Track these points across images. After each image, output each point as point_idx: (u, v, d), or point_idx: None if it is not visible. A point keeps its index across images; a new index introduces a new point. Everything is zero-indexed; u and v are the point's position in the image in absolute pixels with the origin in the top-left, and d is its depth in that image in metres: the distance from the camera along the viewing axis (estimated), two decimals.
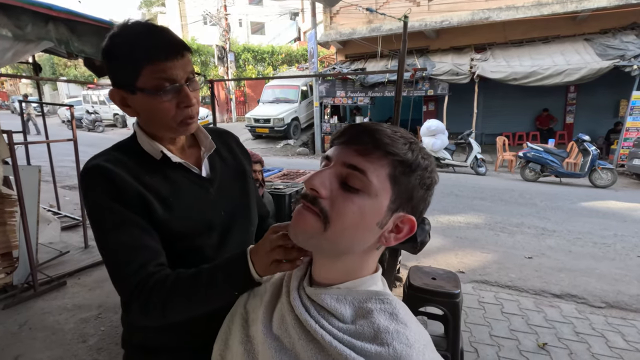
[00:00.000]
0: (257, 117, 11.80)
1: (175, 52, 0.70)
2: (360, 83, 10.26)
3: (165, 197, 0.73)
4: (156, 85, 0.69)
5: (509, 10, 9.28)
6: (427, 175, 0.51)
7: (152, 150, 0.76)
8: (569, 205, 5.40)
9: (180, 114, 0.73)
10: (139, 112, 0.74)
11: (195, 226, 0.76)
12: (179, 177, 0.77)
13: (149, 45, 0.69)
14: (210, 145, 0.83)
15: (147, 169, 0.74)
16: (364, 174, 0.47)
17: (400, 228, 0.51)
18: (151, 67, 0.68)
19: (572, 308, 2.60)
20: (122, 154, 0.74)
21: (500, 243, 3.83)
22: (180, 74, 0.70)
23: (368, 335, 0.46)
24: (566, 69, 8.19)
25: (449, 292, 1.89)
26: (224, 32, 16.18)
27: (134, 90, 0.70)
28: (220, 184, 0.83)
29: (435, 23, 9.91)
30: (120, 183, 0.69)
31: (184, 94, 0.71)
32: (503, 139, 8.61)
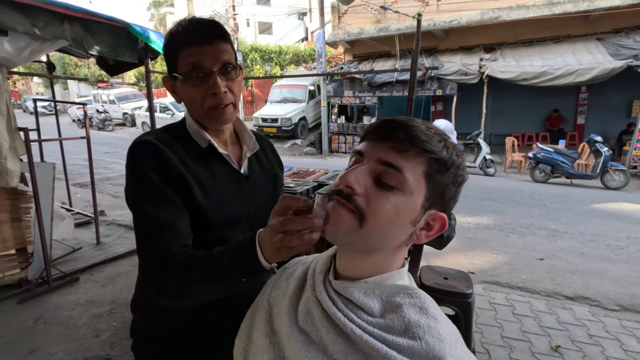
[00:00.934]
0: (265, 117, 11.84)
1: (203, 39, 0.71)
2: (368, 83, 10.23)
3: (204, 183, 0.75)
4: (187, 71, 0.72)
5: (520, 10, 9.18)
6: (459, 172, 0.51)
7: (199, 138, 0.79)
8: (581, 206, 5.32)
9: (208, 101, 0.74)
10: (182, 98, 0.78)
11: (225, 217, 0.78)
12: (219, 169, 0.80)
13: (185, 32, 0.73)
14: (254, 145, 0.87)
15: (192, 155, 0.77)
16: (400, 171, 0.47)
17: (431, 225, 0.51)
18: (183, 53, 0.72)
19: (586, 310, 2.56)
20: (170, 136, 0.77)
21: (511, 244, 3.80)
22: (209, 60, 0.72)
23: (399, 329, 0.46)
24: (578, 69, 8.07)
25: (461, 292, 1.88)
26: (232, 32, 16.24)
27: (175, 77, 0.75)
28: (254, 182, 0.86)
29: (444, 23, 9.85)
30: (166, 161, 0.71)
31: (212, 82, 0.72)
32: (512, 140, 8.52)
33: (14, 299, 2.58)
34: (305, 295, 0.58)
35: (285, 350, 0.54)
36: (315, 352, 0.49)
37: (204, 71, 0.72)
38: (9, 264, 2.62)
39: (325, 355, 0.49)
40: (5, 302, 2.54)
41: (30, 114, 17.81)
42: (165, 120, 12.82)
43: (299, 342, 0.51)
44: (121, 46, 2.84)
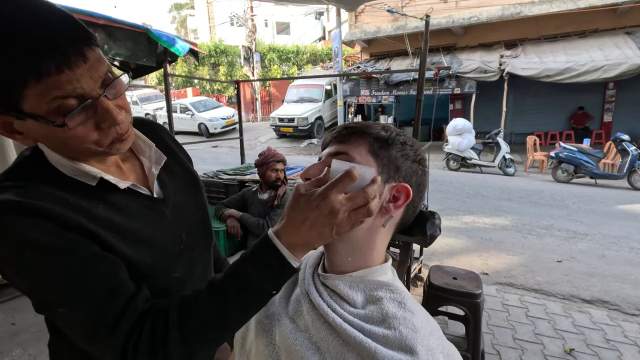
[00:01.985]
0: (282, 117, 11.97)
1: (73, 54, 0.47)
2: (385, 82, 10.18)
3: (119, 230, 0.56)
4: (55, 109, 0.48)
5: (542, 4, 8.91)
6: (408, 148, 0.56)
7: (81, 175, 0.57)
8: (605, 207, 5.14)
9: (104, 137, 0.53)
10: (38, 140, 0.54)
11: (158, 261, 0.61)
12: (127, 203, 0.60)
13: (30, 46, 0.45)
14: (157, 156, 0.67)
15: (82, 198, 0.55)
16: (347, 154, 0.54)
17: (397, 197, 0.55)
18: (37, 87, 0.46)
19: (604, 314, 2.49)
20: (38, 184, 0.53)
21: (528, 245, 3.72)
22: (88, 83, 0.49)
23: (377, 319, 0.50)
24: (604, 64, 7.77)
25: (469, 292, 1.88)
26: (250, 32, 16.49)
27: (20, 115, 0.48)
28: (174, 202, 0.68)
29: (463, 19, 9.67)
30: (54, 218, 0.49)
31: (103, 110, 0.51)
32: (534, 139, 8.28)
33: None
34: (297, 288, 0.62)
35: (277, 337, 0.59)
36: (301, 339, 0.54)
37: (85, 104, 0.49)
38: None
39: (310, 342, 0.53)
40: None
41: None
42: (185, 121, 13.16)
43: (287, 330, 0.56)
44: (141, 50, 2.97)
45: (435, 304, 1.98)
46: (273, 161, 2.16)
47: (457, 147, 7.87)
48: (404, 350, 0.45)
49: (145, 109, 17.34)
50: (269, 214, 2.08)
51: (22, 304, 2.58)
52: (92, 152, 0.55)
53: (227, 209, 2.22)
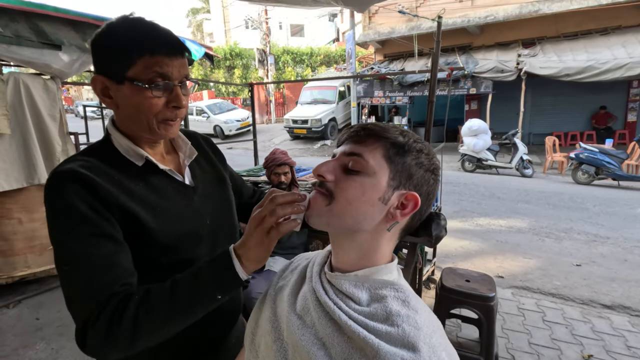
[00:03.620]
0: (295, 118, 12.04)
1: (176, 51, 0.68)
2: (399, 82, 10.11)
3: (152, 205, 0.69)
4: (149, 79, 0.66)
5: (562, 2, 8.67)
6: (423, 157, 0.56)
7: (133, 155, 0.71)
8: (628, 210, 4.96)
9: (165, 113, 0.69)
10: (119, 105, 0.69)
11: (182, 236, 0.72)
12: (164, 185, 0.73)
13: (151, 37, 0.67)
14: (191, 152, 0.81)
15: (129, 177, 0.69)
16: (361, 156, 0.54)
17: (404, 205, 0.56)
18: (149, 60, 0.65)
19: (625, 320, 2.42)
20: (98, 160, 0.68)
21: (545, 249, 3.63)
22: (176, 73, 0.68)
23: (380, 316, 0.51)
24: (628, 62, 7.51)
25: (483, 295, 1.85)
26: (264, 35, 16.67)
27: (122, 79, 0.66)
28: (202, 191, 0.80)
29: (479, 18, 9.52)
30: (100, 192, 0.62)
31: (176, 94, 0.69)
32: (553, 139, 8.07)
33: None
34: (304, 286, 0.64)
35: (284, 333, 0.61)
36: (308, 335, 0.55)
37: (168, 83, 0.67)
38: None
39: (316, 338, 0.54)
40: (58, 290, 2.82)
41: (81, 118, 19.25)
42: (200, 124, 13.39)
43: (294, 326, 0.58)
44: None
45: (448, 307, 1.96)
46: (273, 165, 2.16)
47: (473, 148, 7.75)
48: (406, 347, 0.47)
49: None
50: None
51: (46, 300, 2.69)
52: (148, 125, 0.69)
53: None
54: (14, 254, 2.65)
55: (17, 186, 2.53)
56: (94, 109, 14.29)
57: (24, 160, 2.56)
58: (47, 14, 2.31)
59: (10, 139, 2.49)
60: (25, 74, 2.60)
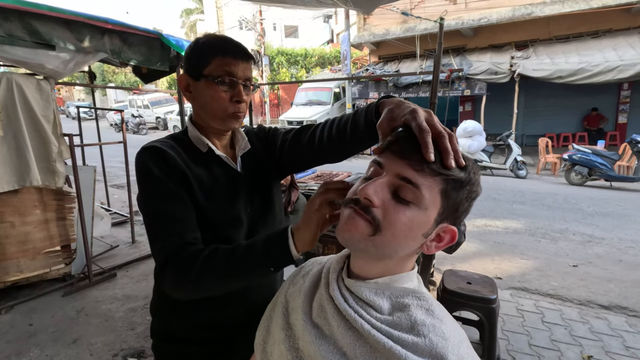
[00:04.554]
0: (290, 120, 12.01)
1: (241, 55, 0.82)
2: (394, 84, 10.15)
3: (205, 185, 0.81)
4: (219, 75, 0.79)
5: (554, 5, 8.79)
6: (474, 189, 0.52)
7: (199, 142, 0.85)
8: (621, 211, 5.03)
9: (230, 107, 0.82)
10: (196, 98, 0.84)
11: (227, 217, 0.83)
12: (218, 171, 0.85)
13: (224, 43, 0.82)
14: (245, 145, 0.92)
15: (193, 158, 0.83)
16: (418, 188, 0.49)
17: (441, 237, 0.53)
18: (221, 60, 0.79)
19: (622, 321, 2.43)
20: (174, 142, 0.84)
21: (542, 249, 3.66)
22: (240, 73, 0.81)
23: (405, 326, 0.49)
24: (619, 65, 7.63)
25: (484, 297, 1.85)
26: (259, 36, 16.62)
27: (199, 76, 0.80)
28: (250, 181, 0.90)
29: (472, 21, 9.60)
30: (172, 163, 0.78)
31: (238, 90, 0.81)
32: (546, 141, 8.16)
33: (59, 291, 2.79)
34: (319, 292, 0.62)
35: (299, 342, 0.58)
36: (326, 345, 0.53)
37: (233, 80, 0.80)
38: (55, 259, 2.85)
39: (336, 347, 0.52)
40: (52, 295, 2.76)
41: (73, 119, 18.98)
42: None
43: (311, 335, 0.56)
44: (154, 55, 3.01)
45: (449, 309, 1.93)
46: None
47: (468, 149, 7.79)
48: (434, 358, 0.45)
49: (155, 112, 17.58)
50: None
51: (39, 305, 2.63)
52: (218, 116, 0.83)
53: None
54: (6, 258, 2.59)
55: (8, 188, 2.47)
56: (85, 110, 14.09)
57: (16, 162, 2.49)
58: (41, 13, 2.26)
59: (2, 140, 2.43)
60: (18, 74, 2.54)
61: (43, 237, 2.73)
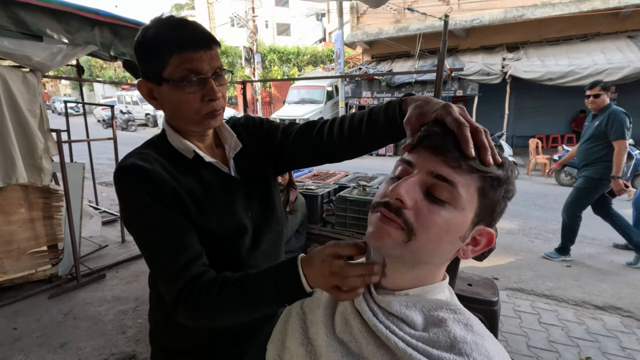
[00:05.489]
0: (283, 118, 11.90)
1: (202, 44, 0.69)
2: (387, 83, 10.15)
3: (199, 198, 0.73)
4: (182, 77, 0.68)
5: (545, 8, 8.89)
6: (511, 187, 0.49)
7: (183, 149, 0.75)
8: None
9: (204, 108, 0.71)
10: (164, 105, 0.73)
11: (227, 228, 0.76)
12: (210, 177, 0.77)
13: (178, 36, 0.68)
14: (236, 144, 0.82)
15: (179, 168, 0.74)
16: (454, 186, 0.45)
17: (477, 241, 0.50)
18: (178, 58, 0.67)
19: (617, 321, 2.45)
20: (155, 152, 0.73)
21: (536, 250, 3.68)
22: (207, 66, 0.69)
23: (444, 344, 0.45)
24: (607, 68, 7.77)
25: (486, 299, 1.83)
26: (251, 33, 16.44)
27: (160, 81, 0.69)
28: (246, 183, 0.82)
29: (465, 22, 9.65)
30: (158, 182, 0.68)
31: (209, 87, 0.70)
32: (536, 142, 8.26)
33: (46, 293, 2.68)
34: (342, 305, 0.57)
35: (321, 358, 0.54)
36: None
37: (201, 77, 0.69)
38: (41, 260, 2.74)
39: None
40: (38, 297, 2.65)
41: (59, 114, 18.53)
42: None
43: (337, 353, 0.51)
44: None
45: None
46: None
47: None
48: None
49: (145, 109, 17.26)
50: None
51: (24, 308, 2.52)
52: (193, 120, 0.72)
53: None
54: None
55: None
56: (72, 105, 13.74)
57: (1, 158, 2.38)
58: (28, 2, 2.15)
59: None
60: (3, 66, 2.42)
61: (28, 236, 2.62)
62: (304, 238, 2.19)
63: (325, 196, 2.38)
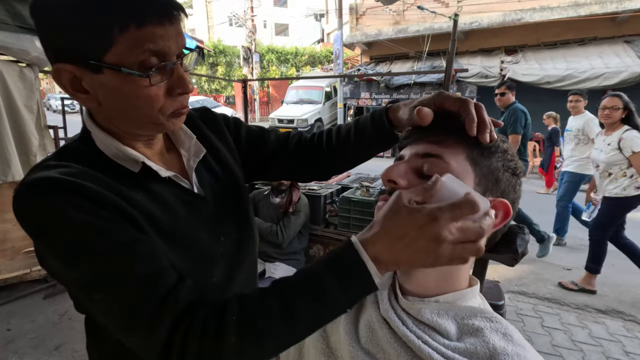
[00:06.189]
0: (281, 118, 11.88)
1: (168, 12, 0.47)
2: (386, 85, 10.15)
3: (157, 222, 0.52)
4: (141, 61, 0.47)
5: (543, 11, 8.95)
6: (509, 158, 0.49)
7: (125, 159, 0.54)
8: None
9: (170, 105, 0.51)
10: (101, 102, 0.50)
11: (192, 260, 0.57)
12: (167, 195, 0.56)
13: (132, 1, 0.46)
14: (197, 149, 0.63)
15: (125, 186, 0.51)
16: (441, 158, 0.46)
17: (494, 215, 0.47)
18: (136, 33, 0.45)
19: (619, 325, 2.44)
20: (81, 165, 0.50)
21: (536, 252, 3.67)
22: (174, 46, 0.49)
23: (482, 355, 0.42)
24: (604, 72, 7.82)
25: (493, 303, 1.80)
26: (250, 33, 16.40)
27: (99, 67, 0.46)
28: (213, 200, 0.64)
29: (464, 24, 9.67)
30: (93, 195, 0.46)
31: (178, 76, 0.50)
32: (533, 145, 8.30)
33: (40, 294, 2.62)
34: (366, 313, 0.54)
35: None
36: None
37: (168, 64, 0.49)
38: (35, 259, 2.67)
39: None
40: (32, 297, 2.59)
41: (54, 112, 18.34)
42: None
43: None
44: None
45: None
46: None
47: None
48: None
49: None
50: (283, 220, 2.00)
51: (18, 309, 2.46)
52: (152, 122, 0.52)
53: None
54: None
55: None
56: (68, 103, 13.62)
57: None
58: None
59: None
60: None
61: (23, 235, 2.55)
62: (306, 239, 2.16)
63: (328, 197, 2.35)
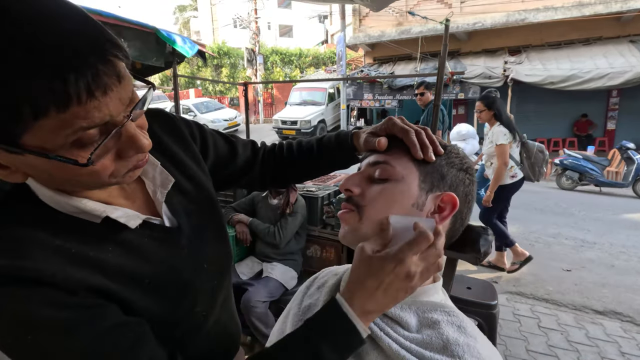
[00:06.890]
0: (285, 119, 11.95)
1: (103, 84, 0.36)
2: (389, 86, 10.17)
3: (135, 276, 0.48)
4: (72, 143, 0.37)
5: (547, 12, 8.91)
6: (453, 156, 0.54)
7: (80, 212, 0.46)
8: (611, 216, 5.10)
9: (123, 167, 0.44)
10: (31, 175, 0.42)
11: (181, 302, 0.54)
12: (139, 241, 0.50)
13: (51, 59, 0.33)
14: (164, 179, 0.54)
15: (87, 243, 0.44)
16: (387, 163, 0.52)
17: (442, 208, 0.52)
18: (58, 117, 0.34)
19: (617, 326, 2.45)
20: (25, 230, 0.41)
21: (536, 254, 3.64)
22: (117, 107, 0.39)
23: (437, 345, 0.45)
24: (609, 72, 7.77)
25: (485, 302, 1.84)
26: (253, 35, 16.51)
27: (17, 150, 0.36)
28: (190, 229, 0.57)
29: (467, 25, 9.67)
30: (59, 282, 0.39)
31: (129, 137, 0.41)
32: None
33: None
34: None
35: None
36: None
37: (112, 130, 0.40)
38: None
39: None
40: None
41: None
42: None
43: None
44: (150, 50, 2.94)
45: None
46: None
47: None
48: None
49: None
50: (280, 221, 2.04)
51: None
52: (103, 185, 0.45)
53: (237, 214, 2.17)
54: None
55: None
56: None
57: None
58: None
59: None
60: None
61: None
62: (303, 240, 2.19)
63: (325, 198, 2.38)
